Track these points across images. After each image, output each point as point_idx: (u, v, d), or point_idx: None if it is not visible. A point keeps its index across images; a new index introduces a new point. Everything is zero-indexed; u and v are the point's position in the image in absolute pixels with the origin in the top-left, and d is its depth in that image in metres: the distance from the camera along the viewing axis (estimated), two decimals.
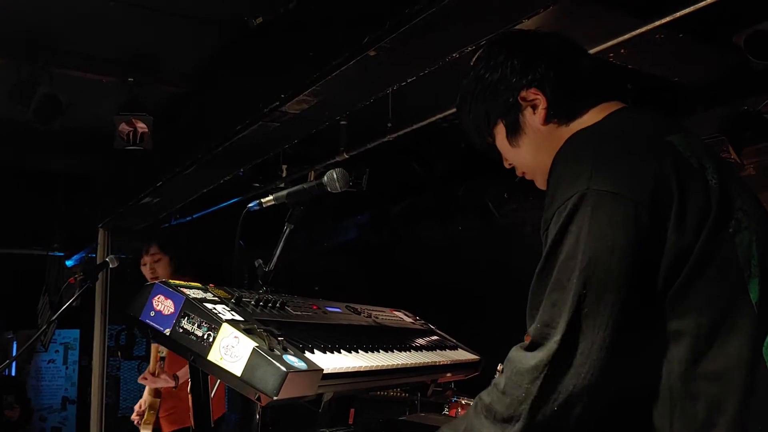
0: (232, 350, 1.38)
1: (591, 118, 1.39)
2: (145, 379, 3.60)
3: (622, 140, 1.29)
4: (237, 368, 1.36)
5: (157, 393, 3.76)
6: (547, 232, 1.25)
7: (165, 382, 3.57)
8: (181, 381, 3.64)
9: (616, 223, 1.17)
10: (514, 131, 1.45)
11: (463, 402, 3.42)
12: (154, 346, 3.59)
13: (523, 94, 1.41)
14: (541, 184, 1.48)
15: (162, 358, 3.76)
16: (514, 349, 1.27)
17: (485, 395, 1.29)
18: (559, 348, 1.17)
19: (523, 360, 1.22)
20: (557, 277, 1.20)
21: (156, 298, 1.50)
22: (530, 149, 1.45)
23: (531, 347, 1.22)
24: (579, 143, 1.32)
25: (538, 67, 1.41)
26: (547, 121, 1.41)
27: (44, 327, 3.87)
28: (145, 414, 3.71)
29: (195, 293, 1.52)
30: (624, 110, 1.40)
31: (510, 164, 1.54)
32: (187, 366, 3.59)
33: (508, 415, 1.21)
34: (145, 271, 3.96)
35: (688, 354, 1.19)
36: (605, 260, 1.16)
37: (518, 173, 1.54)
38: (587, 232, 1.17)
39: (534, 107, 1.41)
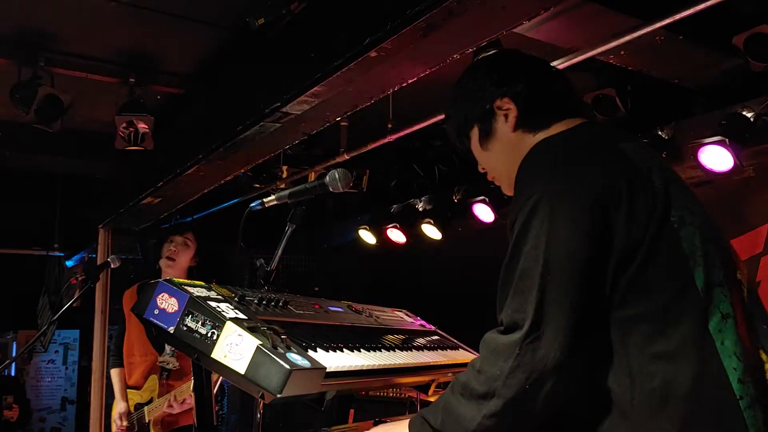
0: (235, 348, 1.39)
1: (555, 130, 1.57)
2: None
3: (579, 147, 1.47)
4: (241, 366, 1.38)
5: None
6: (512, 230, 1.39)
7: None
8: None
9: (573, 218, 1.33)
10: (487, 135, 1.64)
11: None
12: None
13: (498, 102, 1.61)
14: (506, 189, 1.67)
15: (169, 371, 3.69)
16: (489, 332, 1.40)
17: (462, 375, 1.41)
18: (530, 330, 1.30)
19: (498, 341, 1.35)
20: (523, 267, 1.34)
21: (160, 296, 1.51)
22: (500, 154, 1.64)
23: (505, 331, 1.35)
24: (540, 151, 1.50)
25: (513, 81, 1.61)
26: (516, 128, 1.60)
27: (44, 327, 3.86)
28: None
29: (199, 291, 1.53)
30: (585, 124, 1.58)
31: (483, 169, 1.74)
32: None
33: (483, 392, 1.33)
34: (167, 250, 3.86)
35: (643, 336, 1.32)
36: (565, 250, 1.32)
37: (489, 177, 1.74)
38: (548, 226, 1.33)
39: (506, 116, 1.60)
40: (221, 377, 3.38)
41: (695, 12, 2.59)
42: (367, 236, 6.29)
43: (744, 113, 3.72)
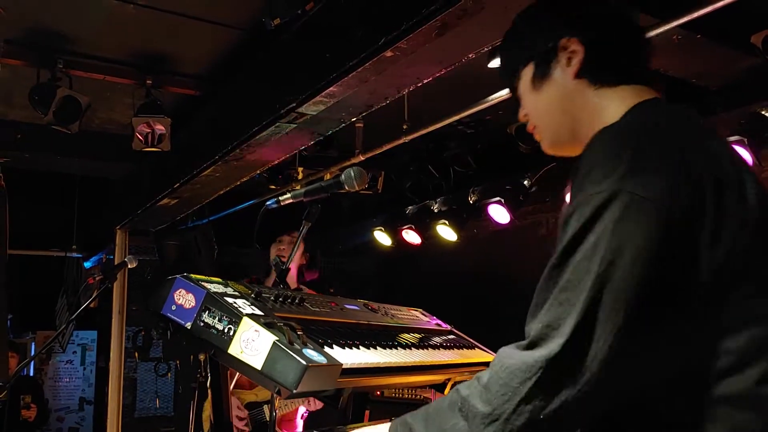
0: (252, 344, 1.39)
1: (623, 96, 1.34)
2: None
3: (664, 143, 1.19)
4: (257, 361, 1.38)
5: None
6: (566, 225, 1.16)
7: None
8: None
9: (643, 231, 1.09)
10: (542, 75, 1.40)
11: None
12: None
13: (564, 42, 1.37)
14: (546, 144, 1.46)
15: None
16: (506, 347, 1.19)
17: (464, 388, 1.21)
18: (561, 351, 1.08)
19: (516, 357, 1.13)
20: (570, 277, 1.12)
21: (177, 292, 1.51)
22: (550, 100, 1.40)
23: (529, 346, 1.13)
24: (618, 136, 1.23)
25: (587, 20, 1.39)
26: (578, 75, 1.36)
27: (63, 327, 3.90)
28: None
29: (216, 287, 1.54)
30: (659, 104, 1.34)
31: (525, 116, 1.49)
32: None
33: (485, 413, 1.12)
34: (276, 249, 3.85)
35: (713, 374, 1.11)
36: (625, 268, 1.08)
37: (529, 128, 1.49)
38: (611, 235, 1.09)
39: (570, 58, 1.37)
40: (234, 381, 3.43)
41: (713, 10, 2.57)
42: (383, 238, 6.29)
43: (763, 113, 3.69)
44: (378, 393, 4.67)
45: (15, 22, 3.57)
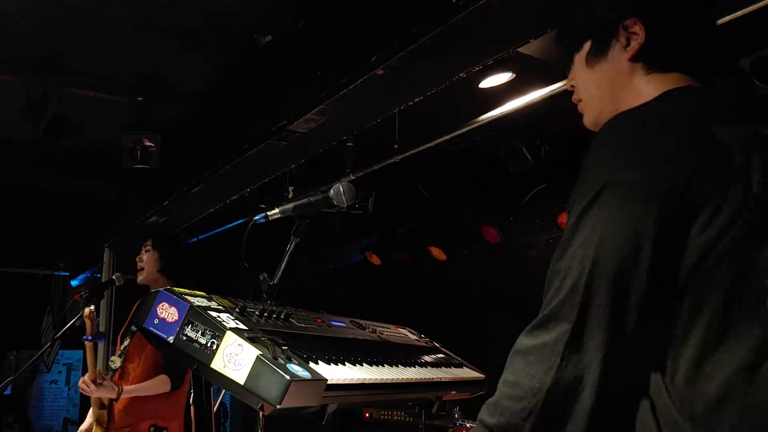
0: (235, 358, 1.37)
1: (665, 82, 1.32)
2: (87, 386, 3.27)
3: (665, 129, 1.20)
4: (240, 376, 1.35)
5: (102, 405, 3.50)
6: (569, 215, 1.22)
7: (107, 392, 3.31)
8: (124, 395, 3.38)
9: (636, 217, 1.13)
10: (599, 53, 1.38)
11: (468, 425, 3.38)
12: (89, 349, 3.29)
13: (627, 22, 1.33)
14: (588, 121, 1.45)
15: (113, 370, 3.65)
16: (521, 336, 1.22)
17: (490, 400, 1.24)
18: (572, 336, 1.14)
19: (533, 341, 1.18)
20: (570, 264, 1.17)
21: (160, 305, 1.49)
22: (602, 78, 1.39)
23: (537, 326, 1.19)
24: (620, 125, 1.26)
25: (653, 2, 1.34)
26: (634, 58, 1.34)
27: (48, 345, 3.84)
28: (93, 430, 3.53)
29: (199, 301, 1.52)
30: (687, 91, 1.32)
31: (572, 86, 1.48)
32: (143, 384, 3.49)
33: (519, 408, 1.16)
34: (138, 259, 3.93)
35: (694, 354, 1.15)
36: (620, 253, 1.13)
37: (574, 99, 1.48)
38: (605, 223, 1.15)
39: (629, 40, 1.34)
40: (220, 396, 3.33)
41: None
42: (373, 258, 6.27)
43: None
44: (367, 415, 4.62)
45: (8, 38, 3.56)
